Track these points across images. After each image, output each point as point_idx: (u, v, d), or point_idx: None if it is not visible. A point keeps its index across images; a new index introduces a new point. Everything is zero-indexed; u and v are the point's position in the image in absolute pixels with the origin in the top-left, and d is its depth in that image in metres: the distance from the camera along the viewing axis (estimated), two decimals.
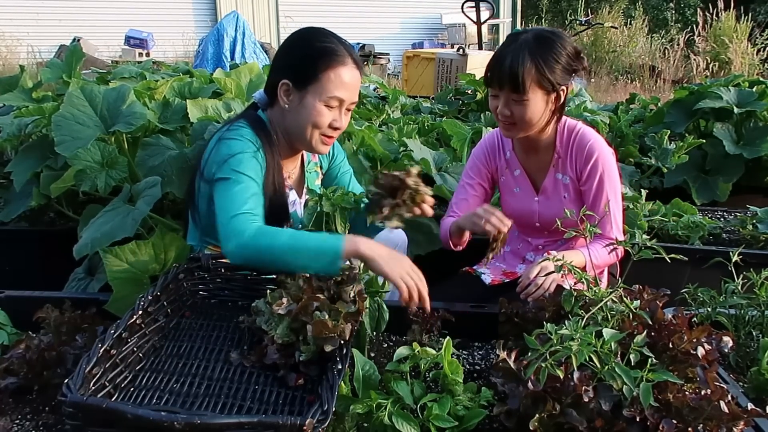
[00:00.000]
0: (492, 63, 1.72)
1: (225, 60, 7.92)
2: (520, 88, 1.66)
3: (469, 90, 4.08)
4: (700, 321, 1.47)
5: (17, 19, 10.98)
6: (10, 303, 1.61)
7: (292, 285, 1.34)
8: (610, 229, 1.79)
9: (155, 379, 1.24)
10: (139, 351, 1.28)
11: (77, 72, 2.79)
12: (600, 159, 1.78)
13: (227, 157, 1.52)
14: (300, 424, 0.94)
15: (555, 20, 15.82)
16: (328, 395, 1.03)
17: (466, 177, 1.99)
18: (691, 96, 3.38)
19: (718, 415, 1.00)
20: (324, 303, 1.24)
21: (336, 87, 1.55)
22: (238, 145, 1.53)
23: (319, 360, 1.22)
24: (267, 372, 1.25)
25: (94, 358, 1.11)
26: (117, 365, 1.19)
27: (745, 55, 10.57)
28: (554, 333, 1.08)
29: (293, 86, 1.57)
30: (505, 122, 1.76)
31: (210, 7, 12.75)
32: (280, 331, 1.26)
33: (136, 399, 1.17)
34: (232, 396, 1.18)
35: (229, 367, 1.28)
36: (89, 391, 1.08)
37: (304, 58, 1.56)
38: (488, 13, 8.35)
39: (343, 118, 1.60)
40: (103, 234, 1.74)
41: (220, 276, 1.56)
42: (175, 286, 1.47)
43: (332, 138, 1.63)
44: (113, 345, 1.18)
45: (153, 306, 1.36)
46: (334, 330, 1.19)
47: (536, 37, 1.69)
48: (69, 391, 1.00)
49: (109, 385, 1.15)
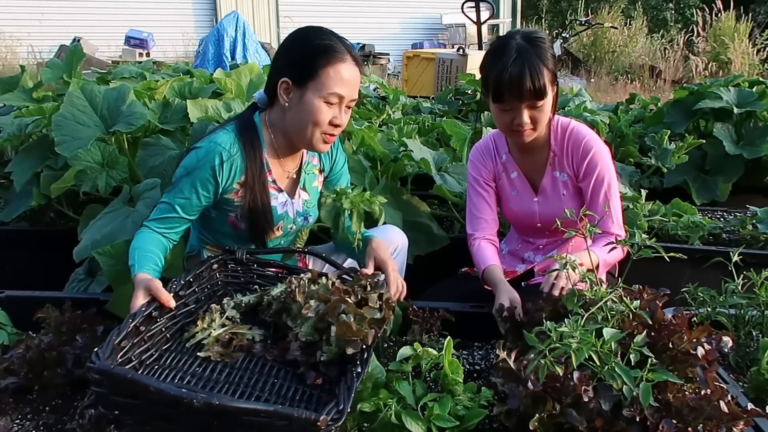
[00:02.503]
0: (497, 79, 1.66)
1: (225, 60, 7.92)
2: (542, 92, 1.65)
3: (469, 90, 4.07)
4: (700, 321, 1.48)
5: (18, 19, 10.98)
6: (11, 303, 1.62)
7: (322, 286, 1.36)
8: (611, 225, 1.79)
9: (179, 360, 1.27)
10: (167, 332, 1.31)
11: (77, 72, 2.79)
12: (597, 155, 1.79)
13: (182, 169, 1.61)
14: (314, 420, 0.95)
15: (555, 20, 15.82)
16: (345, 396, 1.05)
17: (476, 185, 1.93)
18: (691, 96, 3.38)
19: (717, 415, 1.00)
20: (351, 307, 1.25)
21: (335, 83, 1.55)
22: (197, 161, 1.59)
23: (339, 362, 1.24)
24: (287, 367, 1.28)
25: (124, 331, 1.14)
26: (144, 342, 1.22)
27: (745, 55, 10.57)
28: (554, 330, 1.08)
29: (293, 84, 1.58)
30: (524, 131, 1.72)
31: (210, 7, 12.75)
32: (305, 329, 1.28)
33: (159, 376, 1.20)
34: (251, 386, 1.21)
35: (251, 358, 1.31)
36: (116, 361, 1.10)
37: (303, 55, 1.57)
38: (488, 13, 8.34)
39: (343, 116, 1.61)
40: (103, 236, 1.75)
41: (252, 270, 1.60)
42: (208, 275, 1.51)
43: (333, 136, 1.63)
44: (143, 322, 1.21)
45: (184, 291, 1.39)
46: (358, 333, 1.20)
47: (526, 38, 1.68)
48: (97, 358, 1.02)
49: (135, 359, 1.18)
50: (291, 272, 1.59)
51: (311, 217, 1.82)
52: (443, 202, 2.77)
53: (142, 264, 1.45)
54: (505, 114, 1.72)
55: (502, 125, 1.77)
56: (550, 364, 1.04)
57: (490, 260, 1.79)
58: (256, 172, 1.63)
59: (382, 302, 1.30)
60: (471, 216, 1.94)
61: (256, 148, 1.64)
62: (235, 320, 1.41)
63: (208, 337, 1.32)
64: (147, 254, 1.49)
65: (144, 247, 1.51)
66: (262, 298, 1.48)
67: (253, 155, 1.62)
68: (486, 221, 1.90)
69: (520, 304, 1.54)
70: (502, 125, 1.78)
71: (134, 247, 1.51)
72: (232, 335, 1.34)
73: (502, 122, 1.75)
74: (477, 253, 1.84)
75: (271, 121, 1.67)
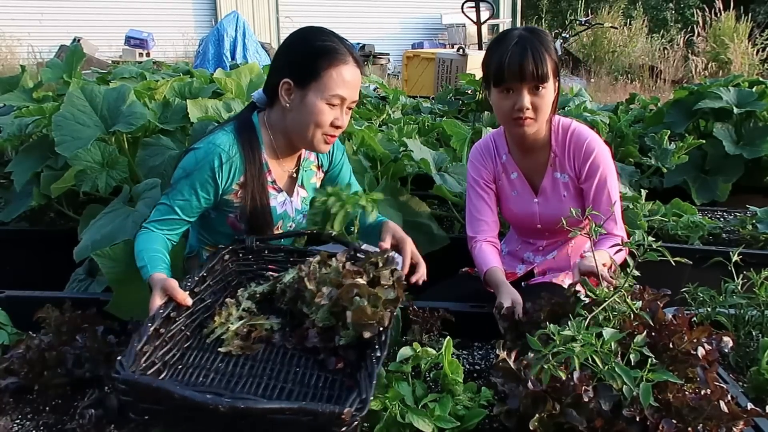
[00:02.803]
0: (499, 61, 1.67)
1: (225, 60, 7.93)
2: (544, 75, 1.65)
3: (469, 90, 4.08)
4: (700, 321, 1.48)
5: (18, 19, 10.99)
6: (11, 303, 1.62)
7: (332, 270, 1.36)
8: (614, 227, 1.78)
9: (201, 357, 1.28)
10: (186, 330, 1.32)
11: (78, 72, 2.79)
12: (599, 156, 1.79)
13: (181, 171, 1.61)
14: (338, 413, 0.96)
15: (555, 20, 15.82)
16: (367, 383, 1.05)
17: (476, 186, 1.92)
18: (691, 96, 3.38)
19: (717, 415, 1.00)
20: (364, 288, 1.25)
21: (337, 85, 1.56)
22: (196, 162, 1.59)
23: (358, 345, 1.25)
24: (308, 355, 1.29)
25: (145, 336, 1.14)
26: (166, 343, 1.23)
27: (745, 55, 10.57)
28: (557, 334, 1.07)
29: (294, 85, 1.58)
30: (524, 118, 1.70)
31: (210, 7, 12.75)
32: (321, 315, 1.29)
33: (183, 376, 1.21)
34: (275, 377, 1.22)
35: (271, 348, 1.32)
36: (140, 368, 1.11)
37: (305, 56, 1.57)
38: (488, 13, 8.35)
39: (344, 117, 1.61)
40: (103, 236, 1.75)
41: (263, 258, 1.61)
42: (221, 267, 1.52)
43: (334, 137, 1.63)
44: (162, 324, 1.22)
45: (199, 287, 1.40)
46: (374, 317, 1.21)
47: (528, 30, 1.71)
48: (121, 368, 1.03)
49: (158, 362, 1.19)
50: (301, 255, 1.59)
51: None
52: (443, 202, 2.77)
53: (154, 264, 1.45)
54: (506, 100, 1.71)
55: (503, 113, 1.74)
56: (553, 368, 1.04)
57: (492, 263, 1.78)
58: (255, 174, 1.63)
59: (394, 279, 1.30)
60: (471, 218, 1.93)
61: (255, 149, 1.64)
62: (252, 311, 1.41)
63: (226, 331, 1.32)
64: (156, 254, 1.49)
65: (151, 247, 1.51)
66: (275, 286, 1.47)
67: (252, 157, 1.63)
68: (486, 223, 1.90)
69: (521, 305, 1.54)
70: (502, 113, 1.75)
71: (141, 248, 1.51)
72: (250, 327, 1.34)
73: (503, 109, 1.73)
74: (478, 256, 1.84)
75: (270, 122, 1.67)
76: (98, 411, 1.21)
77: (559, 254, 1.94)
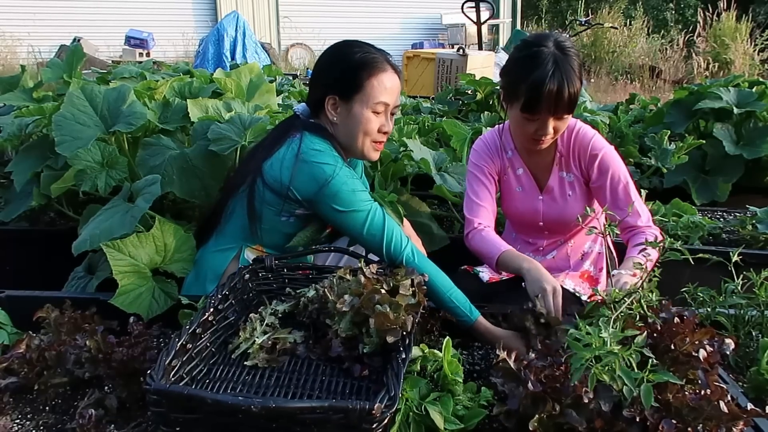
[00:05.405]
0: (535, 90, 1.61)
1: (225, 60, 7.93)
2: (574, 107, 1.66)
3: (469, 90, 4.07)
4: (700, 321, 1.47)
5: (18, 19, 10.98)
6: (11, 303, 1.62)
7: (353, 281, 1.38)
8: (639, 220, 1.74)
9: (227, 371, 1.29)
10: (212, 346, 1.34)
11: (78, 72, 2.79)
12: (607, 155, 1.79)
13: (335, 187, 1.58)
14: (369, 408, 0.98)
15: (555, 20, 15.82)
16: (394, 382, 1.07)
17: (477, 172, 1.89)
18: (691, 96, 3.38)
19: (717, 415, 1.00)
20: (384, 297, 1.28)
21: (380, 93, 1.64)
22: (329, 168, 1.59)
23: (382, 352, 1.27)
24: (332, 364, 1.31)
25: (173, 351, 1.16)
26: (193, 359, 1.25)
27: (745, 55, 10.57)
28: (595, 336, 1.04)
29: (340, 99, 1.65)
30: (545, 140, 1.72)
31: (210, 7, 12.75)
32: (344, 325, 1.31)
33: (211, 389, 1.23)
34: (301, 387, 1.24)
35: (296, 360, 1.34)
36: (170, 381, 1.12)
37: (345, 71, 1.65)
38: (488, 13, 8.35)
39: (389, 123, 1.70)
40: (102, 231, 1.74)
41: (282, 275, 1.63)
42: (242, 286, 1.55)
43: (382, 143, 1.71)
44: (189, 340, 1.24)
45: (222, 305, 1.42)
46: (396, 322, 1.23)
47: (558, 47, 1.63)
48: (152, 380, 1.04)
49: (186, 376, 1.21)
50: (320, 272, 1.63)
51: None
52: (443, 202, 2.77)
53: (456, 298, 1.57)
54: (530, 124, 1.70)
55: (524, 134, 1.74)
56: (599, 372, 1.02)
57: (503, 245, 1.73)
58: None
59: (415, 287, 1.33)
60: (470, 202, 1.87)
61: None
62: (275, 326, 1.43)
63: (252, 345, 1.34)
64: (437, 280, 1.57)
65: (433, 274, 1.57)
66: (299, 301, 1.50)
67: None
68: (486, 210, 1.85)
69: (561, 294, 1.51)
70: (523, 133, 1.75)
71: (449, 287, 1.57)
72: (274, 341, 1.36)
73: (525, 131, 1.72)
74: (485, 239, 1.77)
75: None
76: (98, 411, 1.21)
77: (558, 254, 1.94)
